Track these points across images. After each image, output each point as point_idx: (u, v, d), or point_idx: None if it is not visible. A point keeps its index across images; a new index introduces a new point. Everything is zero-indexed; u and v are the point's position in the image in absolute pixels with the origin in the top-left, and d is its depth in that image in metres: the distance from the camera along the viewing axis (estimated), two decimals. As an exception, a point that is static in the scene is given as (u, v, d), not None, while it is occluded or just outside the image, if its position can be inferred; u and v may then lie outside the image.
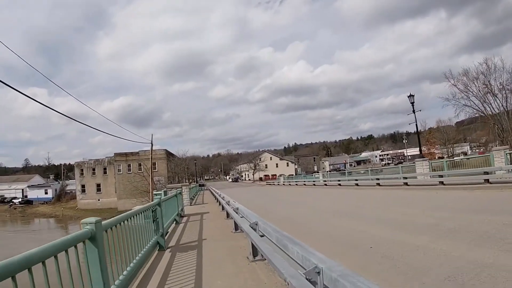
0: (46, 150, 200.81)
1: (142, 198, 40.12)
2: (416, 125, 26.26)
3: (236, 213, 8.66)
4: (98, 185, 60.22)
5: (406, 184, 20.45)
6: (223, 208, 14.30)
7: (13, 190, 70.82)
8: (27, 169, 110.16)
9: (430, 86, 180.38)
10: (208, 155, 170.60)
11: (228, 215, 11.55)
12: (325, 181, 32.21)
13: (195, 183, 61.13)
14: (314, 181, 35.76)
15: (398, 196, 15.96)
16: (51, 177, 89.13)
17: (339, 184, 28.56)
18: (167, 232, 9.77)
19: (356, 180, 26.24)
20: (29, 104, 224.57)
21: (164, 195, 12.91)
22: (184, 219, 12.91)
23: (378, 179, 23.64)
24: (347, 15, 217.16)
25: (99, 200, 58.97)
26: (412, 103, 25.64)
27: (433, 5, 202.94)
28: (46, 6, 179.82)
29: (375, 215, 10.48)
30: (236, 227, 8.84)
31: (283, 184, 47.69)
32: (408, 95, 25.78)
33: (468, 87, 37.52)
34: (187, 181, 61.39)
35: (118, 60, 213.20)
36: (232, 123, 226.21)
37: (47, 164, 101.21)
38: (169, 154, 62.49)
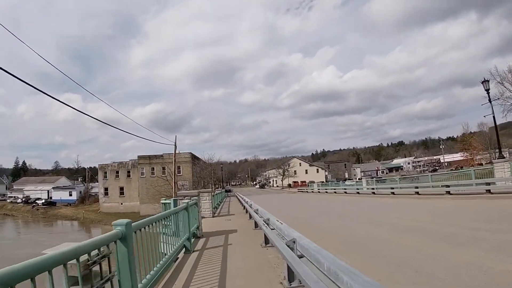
0: (77, 154, 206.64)
1: (165, 203, 36.87)
2: (494, 117, 21.07)
3: (291, 248, 4.51)
4: (121, 189, 58.08)
5: (488, 191, 15.59)
6: (256, 225, 10.20)
7: (38, 191, 70.30)
8: (57, 171, 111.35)
9: (461, 91, 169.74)
10: (235, 161, 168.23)
11: (266, 240, 7.40)
12: (373, 188, 27.05)
13: (220, 188, 57.61)
14: (357, 189, 30.68)
15: (502, 208, 10.93)
16: (79, 180, 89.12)
17: (392, 193, 23.53)
18: (176, 260, 5.74)
19: (417, 188, 21.17)
20: (62, 109, 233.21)
21: (174, 206, 8.92)
22: (201, 242, 8.77)
23: (448, 186, 18.56)
24: (376, 18, 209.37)
25: (121, 203, 56.80)
26: (487, 90, 20.82)
27: (463, 7, 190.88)
28: (79, 16, 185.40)
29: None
30: (291, 274, 4.66)
31: (318, 192, 42.63)
32: (482, 80, 21.07)
33: (514, 85, 33.38)
34: (213, 186, 57.85)
35: (149, 67, 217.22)
36: (260, 129, 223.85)
37: (76, 166, 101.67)
38: (194, 158, 59.37)
